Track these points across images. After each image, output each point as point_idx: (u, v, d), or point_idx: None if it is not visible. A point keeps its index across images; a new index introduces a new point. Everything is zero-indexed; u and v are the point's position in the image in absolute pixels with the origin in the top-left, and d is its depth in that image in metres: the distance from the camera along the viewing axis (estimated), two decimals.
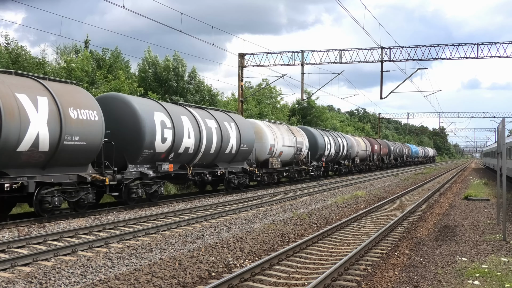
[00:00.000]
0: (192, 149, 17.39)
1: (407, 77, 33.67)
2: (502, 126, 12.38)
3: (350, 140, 39.01)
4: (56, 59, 28.85)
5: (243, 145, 20.84)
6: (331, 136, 34.06)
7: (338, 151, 34.85)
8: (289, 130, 26.65)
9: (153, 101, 17.00)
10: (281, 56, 31.95)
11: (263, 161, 23.45)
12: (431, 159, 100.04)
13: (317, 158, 30.94)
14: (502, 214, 11.62)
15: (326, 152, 32.17)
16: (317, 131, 32.32)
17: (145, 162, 15.63)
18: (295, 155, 26.76)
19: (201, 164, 18.64)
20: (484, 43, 29.38)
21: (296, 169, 27.85)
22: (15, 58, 21.26)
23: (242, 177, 21.64)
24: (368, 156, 45.01)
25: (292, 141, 26.17)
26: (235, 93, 43.85)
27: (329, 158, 33.67)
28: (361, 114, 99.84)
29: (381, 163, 52.31)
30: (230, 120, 20.70)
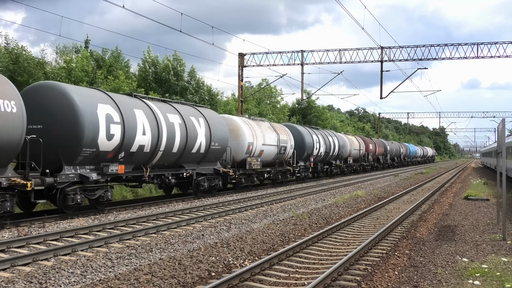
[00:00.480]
0: (149, 147, 15.23)
1: (407, 77, 33.71)
2: (502, 126, 12.38)
3: (342, 139, 36.96)
4: (56, 59, 28.84)
5: (214, 144, 18.71)
6: (320, 135, 31.94)
7: (328, 150, 32.77)
8: (272, 128, 24.59)
9: (98, 92, 14.62)
10: (281, 56, 31.98)
11: (240, 162, 21.37)
12: (430, 159, 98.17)
13: (304, 158, 29.01)
14: (502, 214, 11.62)
15: (314, 152, 30.13)
16: (305, 129, 30.26)
17: (86, 163, 13.36)
18: (279, 155, 24.71)
19: (162, 165, 16.57)
20: (484, 43, 29.39)
21: (280, 170, 25.66)
22: (15, 58, 21.25)
23: (214, 180, 19.36)
24: (362, 156, 42.95)
25: (274, 140, 24.12)
26: (235, 93, 43.88)
27: (319, 158, 31.58)
28: (361, 114, 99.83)
29: (377, 163, 50.33)
30: (199, 115, 18.40)
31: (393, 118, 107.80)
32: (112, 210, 14.47)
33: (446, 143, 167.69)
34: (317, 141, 30.42)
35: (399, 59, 30.70)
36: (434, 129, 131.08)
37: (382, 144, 52.92)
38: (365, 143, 44.44)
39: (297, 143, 27.50)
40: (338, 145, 34.95)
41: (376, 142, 49.94)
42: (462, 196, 21.55)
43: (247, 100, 40.02)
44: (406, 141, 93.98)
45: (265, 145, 23.05)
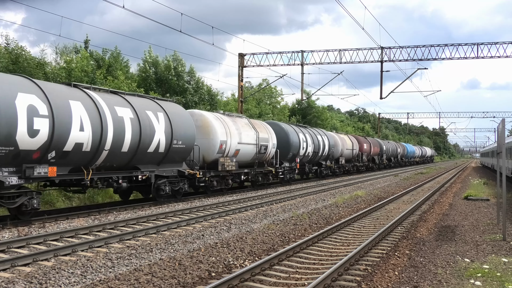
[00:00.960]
0: (89, 146, 12.98)
1: (407, 77, 33.72)
2: (502, 126, 12.39)
3: (333, 138, 34.64)
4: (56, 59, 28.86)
5: (177, 142, 16.44)
6: (308, 133, 29.66)
7: (317, 150, 30.43)
8: (250, 125, 22.42)
9: (21, 78, 12.20)
10: (281, 56, 31.99)
11: (211, 162, 19.10)
12: (429, 159, 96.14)
13: (289, 158, 26.71)
14: (502, 214, 11.62)
15: (301, 152, 27.80)
16: (290, 126, 27.93)
17: (1, 164, 11.09)
18: (258, 155, 22.48)
19: (110, 167, 14.37)
20: (484, 43, 29.39)
21: (260, 172, 23.45)
22: (15, 58, 21.25)
23: (178, 183, 17.18)
24: (355, 156, 40.60)
25: (253, 138, 21.90)
26: (235, 93, 43.90)
27: (306, 159, 29.34)
28: (361, 114, 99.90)
29: (372, 164, 48.03)
30: (158, 109, 16.13)
31: (393, 118, 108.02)
32: (112, 210, 14.47)
33: (446, 143, 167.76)
34: (304, 140, 28.09)
35: (399, 59, 30.73)
36: (434, 129, 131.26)
37: (378, 144, 50.57)
38: (359, 143, 42.30)
39: (281, 142, 25.35)
40: (328, 144, 32.79)
41: (371, 141, 47.56)
42: (462, 196, 21.55)
43: (247, 101, 40.03)
44: (406, 141, 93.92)
45: (242, 143, 20.93)
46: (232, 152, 20.19)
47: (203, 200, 18.18)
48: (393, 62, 31.21)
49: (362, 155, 42.65)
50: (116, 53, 29.15)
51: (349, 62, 31.61)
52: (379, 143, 51.32)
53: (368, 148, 45.22)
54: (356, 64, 32.38)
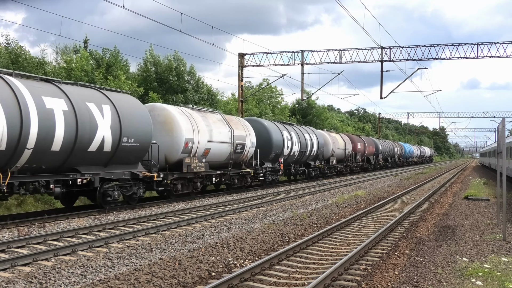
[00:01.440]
0: (3, 144, 10.85)
1: (407, 77, 33.70)
2: (502, 126, 12.38)
3: (322, 137, 32.29)
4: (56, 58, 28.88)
5: (128, 139, 14.16)
6: (294, 131, 27.29)
7: (304, 149, 28.14)
8: (224, 121, 20.11)
9: None
10: (281, 56, 31.97)
11: (175, 163, 16.76)
12: (428, 159, 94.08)
13: (272, 158, 24.37)
14: (502, 214, 11.62)
15: (285, 151, 25.39)
16: (273, 124, 25.66)
17: None
18: (234, 155, 20.20)
19: (38, 169, 12.11)
20: (484, 43, 29.39)
21: (237, 173, 21.02)
22: (15, 58, 21.26)
23: (132, 187, 14.78)
24: (348, 156, 38.32)
25: (227, 136, 19.63)
26: (235, 93, 43.91)
27: (292, 159, 27.01)
28: (361, 114, 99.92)
29: (367, 164, 45.53)
30: (103, 101, 13.80)
31: (393, 118, 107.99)
32: (112, 210, 14.46)
33: (446, 143, 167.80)
34: (288, 139, 25.78)
35: (399, 59, 30.72)
36: (434, 129, 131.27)
37: (373, 143, 48.25)
38: (352, 142, 40.11)
39: (262, 141, 23.18)
40: (317, 143, 30.40)
41: (365, 140, 45.20)
42: (462, 196, 21.55)
43: (248, 100, 40.03)
44: (406, 141, 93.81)
45: (213, 142, 18.62)
46: (201, 151, 17.93)
47: (203, 200, 18.17)
48: (393, 62, 31.21)
49: (356, 155, 40.41)
50: (115, 52, 29.16)
51: (349, 62, 31.60)
52: (374, 142, 49.03)
53: (363, 147, 43.09)
54: (356, 64, 32.38)
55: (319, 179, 31.52)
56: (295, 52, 31.98)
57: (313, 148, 29.72)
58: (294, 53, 31.98)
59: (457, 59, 29.74)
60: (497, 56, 29.09)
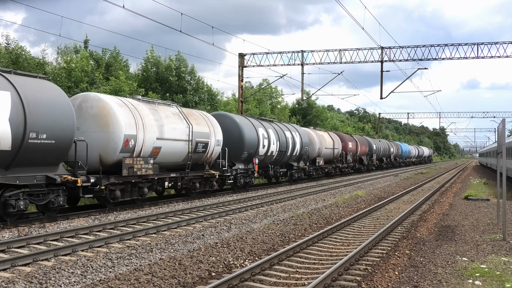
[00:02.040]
0: None
1: (407, 77, 33.72)
2: (502, 126, 12.38)
3: (307, 135, 29.66)
4: (57, 59, 28.92)
5: (38, 135, 11.57)
6: (272, 129, 24.58)
7: (284, 149, 25.46)
8: (181, 115, 17.25)
9: None
10: (281, 56, 31.99)
11: (113, 164, 14.17)
12: (426, 159, 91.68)
13: (244, 159, 21.81)
14: (502, 214, 11.63)
15: (260, 151, 22.72)
16: (246, 119, 22.95)
17: None
18: (194, 154, 17.43)
19: None
20: (484, 43, 29.40)
21: (198, 176, 18.30)
22: (15, 58, 21.27)
23: (48, 195, 12.12)
24: (337, 156, 35.70)
25: (184, 133, 16.87)
26: (235, 93, 43.93)
27: (270, 159, 24.32)
28: (361, 114, 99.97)
29: (360, 165, 42.89)
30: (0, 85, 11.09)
31: (393, 118, 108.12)
32: (112, 210, 14.47)
33: (446, 143, 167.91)
34: (265, 137, 23.14)
35: (399, 59, 30.74)
36: (434, 129, 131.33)
37: (366, 142, 45.37)
38: (343, 141, 37.54)
39: (232, 139, 20.68)
40: (300, 142, 27.71)
41: (358, 140, 42.49)
42: (462, 196, 21.55)
43: (248, 101, 40.04)
44: (406, 141, 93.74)
45: (165, 139, 15.92)
46: (148, 150, 15.27)
47: (203, 200, 18.18)
48: (393, 62, 31.22)
49: (347, 155, 37.69)
50: (115, 53, 29.19)
51: (349, 62, 31.62)
52: (367, 141, 46.27)
53: (354, 147, 40.40)
54: (356, 64, 32.39)
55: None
56: (295, 52, 32.01)
57: (295, 148, 27.03)
58: (294, 53, 32.01)
59: (457, 59, 29.75)
60: (497, 56, 29.10)
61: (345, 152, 37.40)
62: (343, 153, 36.97)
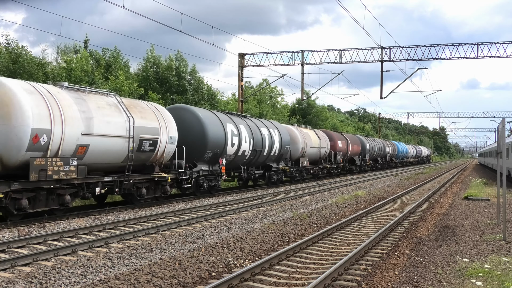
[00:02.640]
0: None
1: (407, 77, 33.71)
2: (502, 126, 12.38)
3: (288, 133, 26.27)
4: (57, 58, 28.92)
5: None
6: (245, 124, 21.55)
7: (260, 148, 22.29)
8: (120, 107, 14.36)
9: None
10: (281, 56, 31.98)
11: (18, 166, 11.44)
12: (425, 159, 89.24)
13: (208, 159, 18.65)
14: (502, 214, 11.62)
15: (229, 149, 19.64)
16: (211, 113, 19.79)
17: None
18: (136, 154, 14.62)
19: None
20: (484, 43, 29.39)
21: (144, 180, 15.45)
22: (15, 58, 21.27)
23: None
24: (324, 156, 32.64)
25: (122, 127, 14.12)
26: (235, 93, 43.93)
27: (241, 160, 21.22)
28: (361, 114, 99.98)
29: (351, 166, 39.93)
30: None
31: (393, 118, 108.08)
32: (112, 210, 14.47)
33: (446, 143, 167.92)
34: (234, 134, 20.10)
35: (399, 59, 30.73)
36: (434, 129, 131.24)
37: (358, 141, 42.09)
38: (331, 140, 34.44)
39: (192, 135, 17.92)
40: (280, 141, 24.51)
41: (349, 138, 39.32)
42: (462, 196, 21.55)
43: (248, 100, 40.03)
44: (406, 141, 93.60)
45: (94, 135, 13.12)
46: (70, 149, 12.46)
47: (203, 200, 18.17)
48: (393, 62, 31.22)
49: (336, 155, 34.70)
50: (115, 52, 29.19)
51: (349, 62, 31.61)
52: (360, 140, 43.10)
53: (345, 146, 37.18)
54: (356, 64, 32.38)
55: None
56: (295, 52, 32.01)
57: (273, 147, 23.80)
58: (294, 53, 32.01)
59: (457, 59, 29.75)
60: (497, 56, 29.10)
61: (334, 152, 34.53)
62: (332, 153, 34.13)
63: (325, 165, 32.68)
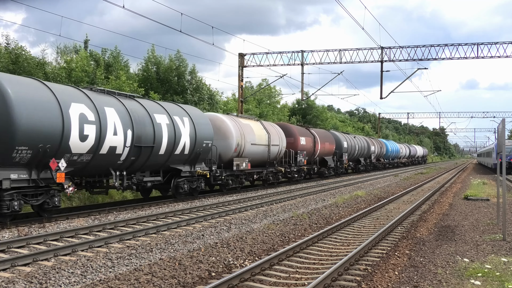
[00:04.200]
0: None
1: (407, 77, 33.71)
2: (502, 126, 12.37)
3: (212, 124, 19.26)
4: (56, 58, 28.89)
5: None
6: (118, 106, 14.10)
7: (149, 143, 14.99)
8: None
9: None
10: (281, 56, 31.96)
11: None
12: (420, 159, 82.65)
13: (28, 161, 11.41)
14: (502, 214, 11.62)
15: (74, 145, 12.38)
16: (34, 81, 12.32)
17: None
18: None
19: None
20: (484, 43, 29.39)
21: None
22: (15, 58, 21.24)
23: None
24: (279, 156, 25.43)
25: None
26: (235, 93, 43.91)
27: (112, 161, 13.91)
28: (361, 114, 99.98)
29: (323, 168, 32.59)
30: None
31: (393, 118, 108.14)
32: (112, 210, 14.47)
33: (446, 143, 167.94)
34: (88, 120, 12.85)
35: (399, 59, 30.73)
36: (434, 129, 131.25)
37: (332, 139, 34.51)
38: (290, 135, 27.27)
39: None
40: (192, 133, 17.27)
41: (318, 134, 31.65)
42: (462, 196, 21.55)
43: (248, 101, 40.01)
44: (406, 141, 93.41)
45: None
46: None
47: (203, 200, 18.17)
48: (393, 62, 31.22)
49: (297, 154, 27.32)
50: (116, 52, 29.16)
51: (349, 62, 31.59)
52: (334, 137, 35.35)
53: (310, 144, 29.69)
54: (356, 64, 32.38)
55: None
56: (295, 52, 31.99)
57: (179, 142, 16.57)
58: (294, 53, 31.98)
59: (457, 59, 29.75)
60: (497, 56, 29.10)
61: (294, 151, 27.15)
62: (291, 152, 26.88)
63: (278, 168, 25.51)
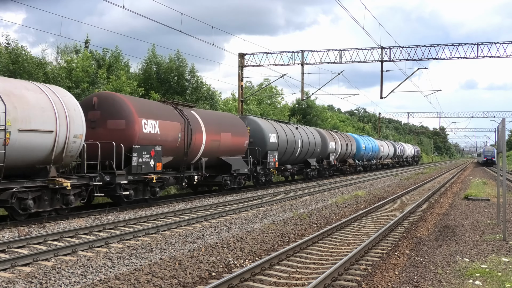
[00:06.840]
0: None
1: (407, 77, 33.70)
2: (502, 126, 12.38)
3: None
4: (57, 58, 28.87)
5: None
6: None
7: None
8: None
9: None
10: (281, 56, 31.96)
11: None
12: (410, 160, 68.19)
13: None
14: (502, 214, 11.62)
15: None
16: None
17: None
18: None
19: None
20: (484, 43, 29.39)
21: None
22: (15, 58, 21.22)
23: None
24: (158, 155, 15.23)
25: None
26: (235, 93, 43.90)
27: None
28: (361, 114, 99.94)
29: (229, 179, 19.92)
30: None
31: (394, 118, 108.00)
32: (112, 210, 14.46)
33: (446, 143, 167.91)
34: None
35: (399, 59, 30.72)
36: (434, 129, 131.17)
37: (245, 132, 21.52)
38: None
39: None
40: None
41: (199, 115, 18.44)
42: (462, 196, 21.54)
43: (248, 100, 39.99)
44: (407, 141, 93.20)
45: None
46: None
47: (203, 200, 18.17)
48: (393, 62, 31.22)
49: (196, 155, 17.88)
50: (116, 53, 29.15)
51: (349, 62, 31.59)
52: (260, 128, 23.10)
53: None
54: (356, 64, 32.38)
55: None
56: (295, 52, 31.99)
57: None
58: (294, 53, 31.98)
59: (457, 59, 29.75)
60: (497, 56, 29.10)
61: None
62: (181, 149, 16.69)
63: None
